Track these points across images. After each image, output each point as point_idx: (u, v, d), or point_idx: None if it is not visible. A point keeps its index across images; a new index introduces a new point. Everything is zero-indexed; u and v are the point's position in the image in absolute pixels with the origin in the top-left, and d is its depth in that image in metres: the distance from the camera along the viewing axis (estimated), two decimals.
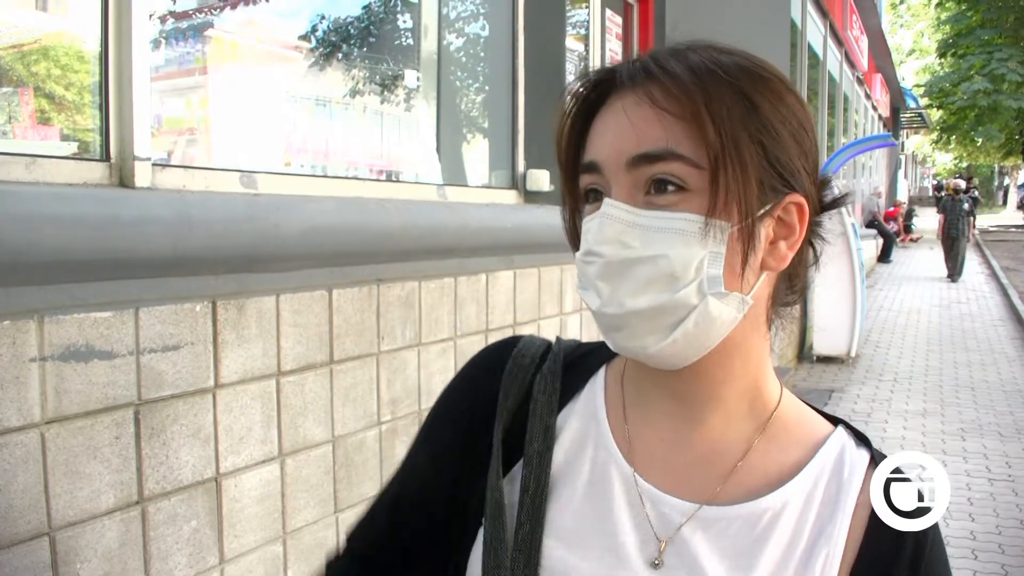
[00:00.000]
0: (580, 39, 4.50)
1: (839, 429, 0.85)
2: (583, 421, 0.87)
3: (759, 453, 0.82)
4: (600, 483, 0.83)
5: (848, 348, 8.73)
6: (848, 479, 0.80)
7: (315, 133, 3.10)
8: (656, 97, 0.75)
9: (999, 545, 4.32)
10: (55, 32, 2.02)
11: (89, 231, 1.63)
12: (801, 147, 0.78)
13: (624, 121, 0.76)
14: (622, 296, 0.75)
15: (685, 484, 0.82)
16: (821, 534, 0.78)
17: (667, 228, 0.74)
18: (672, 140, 0.73)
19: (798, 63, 9.97)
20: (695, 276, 0.74)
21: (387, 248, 2.48)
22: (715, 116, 0.73)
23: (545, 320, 3.36)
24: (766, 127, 0.75)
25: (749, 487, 0.81)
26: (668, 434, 0.84)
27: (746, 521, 0.78)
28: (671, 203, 0.74)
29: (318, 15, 3.17)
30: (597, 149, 0.78)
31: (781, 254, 0.79)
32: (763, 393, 0.84)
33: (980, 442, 6.09)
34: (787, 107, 0.77)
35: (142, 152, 1.84)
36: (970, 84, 24.45)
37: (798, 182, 0.78)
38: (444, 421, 0.94)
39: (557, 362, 0.91)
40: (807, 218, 0.79)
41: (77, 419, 1.63)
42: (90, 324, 1.64)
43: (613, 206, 0.75)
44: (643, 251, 0.74)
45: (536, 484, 0.83)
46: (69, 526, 1.62)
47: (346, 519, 2.34)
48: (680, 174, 0.73)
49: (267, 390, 2.06)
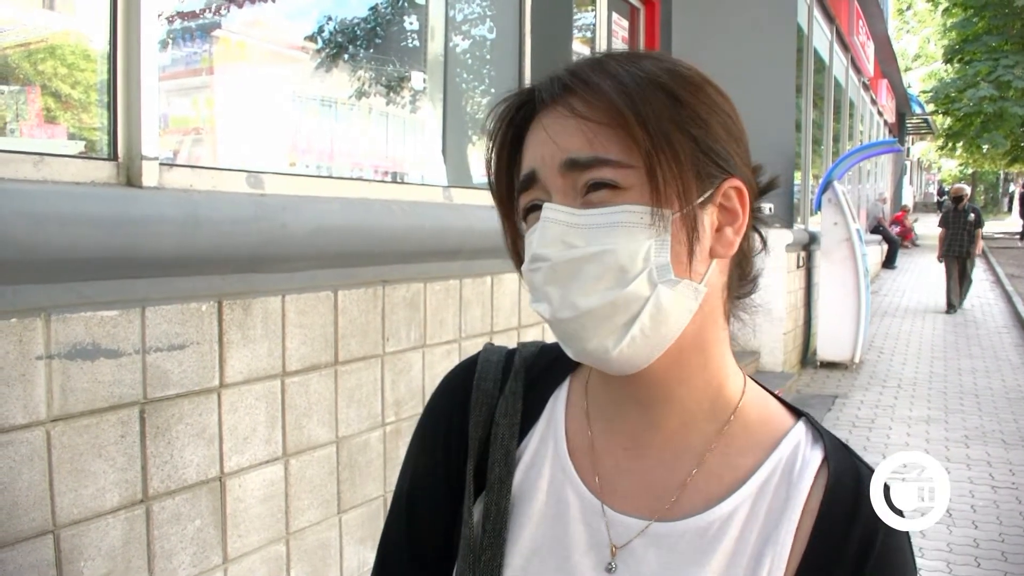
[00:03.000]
0: (586, 42, 4.51)
1: (798, 425, 0.84)
2: (542, 441, 0.87)
3: (716, 457, 0.81)
4: (556, 505, 0.83)
5: (852, 354, 8.71)
6: (797, 481, 0.79)
7: (321, 134, 3.10)
8: (577, 108, 0.75)
9: (1002, 553, 4.30)
10: (62, 31, 2.03)
11: (96, 230, 1.64)
12: (731, 134, 0.78)
13: (545, 135, 0.77)
14: (573, 297, 0.74)
15: (642, 497, 0.81)
16: (768, 540, 0.77)
17: (609, 223, 0.73)
18: (598, 147, 0.74)
19: (804, 68, 9.96)
20: (643, 266, 0.73)
21: (392, 249, 2.48)
22: (640, 114, 0.73)
23: None
24: (693, 118, 0.75)
25: (705, 494, 0.80)
26: (629, 441, 0.83)
27: (695, 534, 0.78)
28: (608, 199, 0.74)
29: (325, 16, 3.17)
30: (529, 161, 0.79)
31: (728, 240, 0.78)
32: (724, 391, 0.83)
33: (984, 449, 6.07)
34: (710, 98, 0.77)
35: (149, 151, 1.84)
36: (976, 91, 24.39)
37: (733, 167, 0.78)
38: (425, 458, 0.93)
39: (519, 380, 0.90)
40: (748, 202, 0.79)
41: (83, 417, 1.63)
42: (96, 323, 1.64)
43: (553, 209, 0.75)
44: (588, 248, 0.73)
45: (496, 510, 0.83)
46: (73, 524, 1.62)
47: (349, 520, 2.35)
48: (612, 176, 0.73)
49: (272, 390, 2.06)
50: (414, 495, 0.92)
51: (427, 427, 0.94)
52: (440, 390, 0.95)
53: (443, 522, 0.89)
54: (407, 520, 0.92)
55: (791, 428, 0.83)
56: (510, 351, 0.94)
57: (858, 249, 8.41)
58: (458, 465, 0.89)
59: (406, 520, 0.92)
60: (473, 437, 0.88)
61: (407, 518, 0.92)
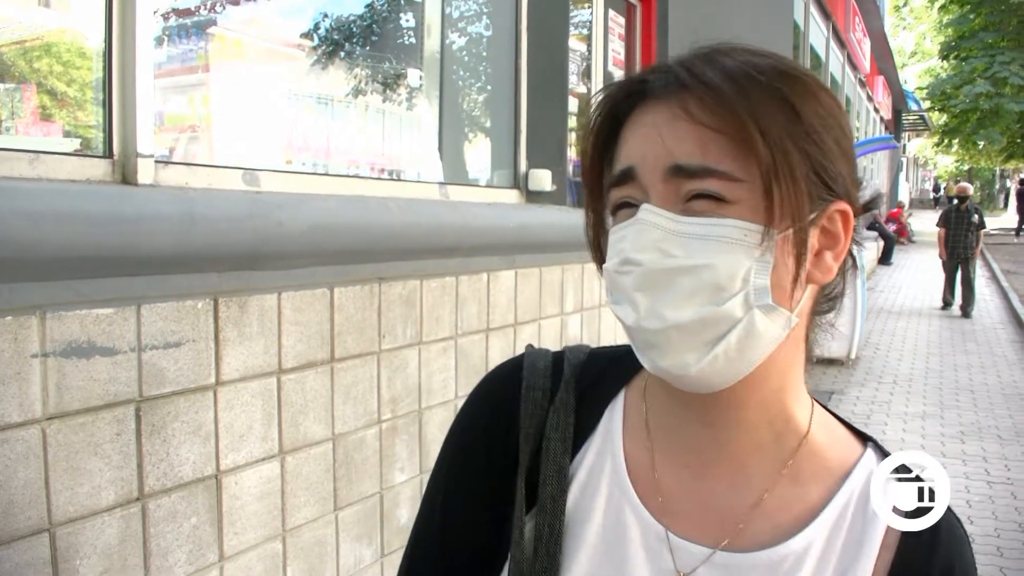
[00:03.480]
0: (583, 39, 4.50)
1: (868, 452, 0.80)
2: (599, 457, 0.82)
3: (784, 487, 0.77)
4: (615, 526, 0.78)
5: (848, 350, 8.73)
6: (873, 515, 0.76)
7: (317, 131, 3.10)
8: (693, 111, 0.70)
9: (997, 548, 4.32)
10: (57, 29, 2.02)
11: (91, 228, 1.64)
12: (843, 152, 0.74)
13: (657, 137, 0.71)
14: (662, 308, 0.70)
15: (706, 521, 0.77)
16: (846, 573, 0.74)
17: (711, 236, 0.69)
18: (710, 156, 0.69)
19: (801, 65, 9.98)
20: (741, 287, 0.69)
21: (389, 247, 2.48)
22: (762, 127, 0.68)
23: (546, 320, 3.36)
24: (810, 135, 0.70)
25: (774, 525, 0.76)
26: (694, 460, 0.79)
27: (766, 568, 0.74)
28: (711, 210, 0.69)
29: (321, 13, 3.16)
30: (628, 156, 0.74)
31: (827, 265, 0.74)
32: (792, 418, 0.78)
33: (979, 445, 6.09)
34: (825, 109, 0.73)
35: (145, 149, 1.84)
36: (972, 87, 24.39)
37: (842, 188, 0.73)
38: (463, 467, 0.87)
39: (569, 391, 0.85)
40: (852, 226, 0.75)
41: (78, 415, 1.63)
42: (92, 320, 1.64)
43: (652, 212, 0.70)
44: (686, 260, 0.69)
45: (550, 531, 0.78)
46: (69, 522, 1.62)
47: (345, 517, 2.35)
48: (720, 189, 0.69)
49: (268, 388, 2.06)
50: (449, 504, 0.87)
51: (467, 434, 0.88)
52: (482, 395, 0.89)
53: (478, 534, 0.84)
54: (440, 528, 0.87)
55: (861, 456, 0.80)
56: (556, 355, 0.89)
57: (854, 246, 8.41)
58: (502, 477, 0.83)
59: (439, 528, 0.87)
60: (524, 451, 0.82)
61: (440, 526, 0.87)
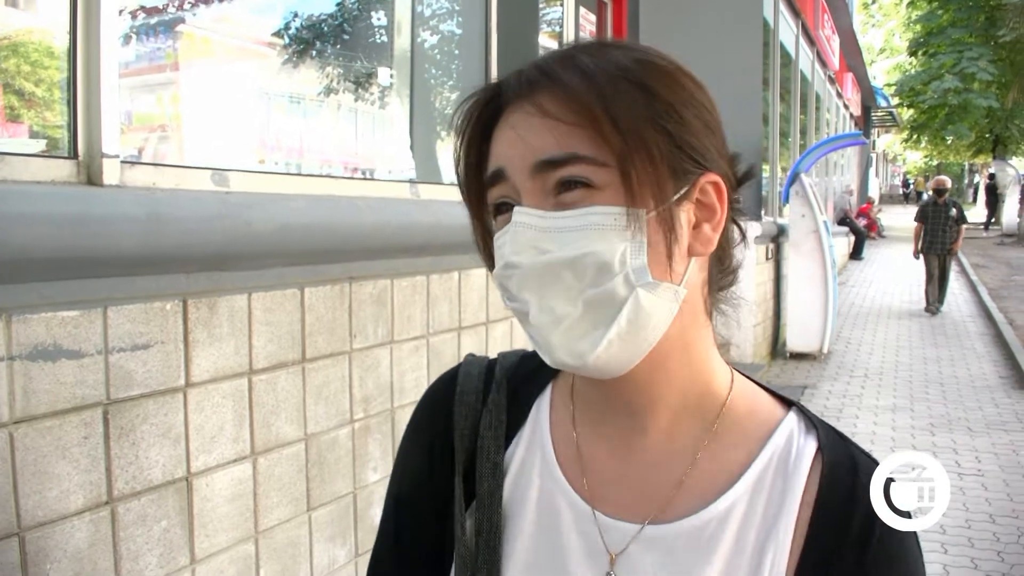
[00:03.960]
0: (554, 36, 4.52)
1: (790, 415, 0.82)
2: (529, 451, 0.85)
3: (708, 455, 0.79)
4: (548, 515, 0.81)
5: (820, 345, 8.82)
6: (793, 472, 0.77)
7: (288, 130, 3.08)
8: (546, 108, 0.72)
9: (968, 539, 4.38)
10: (25, 28, 2.00)
11: (56, 229, 1.62)
12: (707, 126, 0.75)
13: (518, 138, 0.74)
14: (549, 302, 0.72)
15: (635, 501, 0.79)
16: (768, 535, 0.75)
17: (582, 226, 0.71)
18: (570, 146, 0.71)
19: (771, 62, 10.04)
20: (620, 269, 0.70)
21: (359, 246, 2.47)
22: (612, 113, 0.70)
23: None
24: (668, 112, 0.72)
25: (699, 494, 0.78)
26: (618, 446, 0.81)
27: (690, 536, 0.76)
28: (581, 199, 0.71)
29: (291, 12, 3.15)
30: (497, 158, 0.76)
31: (706, 237, 0.76)
32: (711, 388, 0.81)
33: (950, 437, 6.17)
34: (686, 90, 0.75)
35: (110, 149, 1.82)
36: (940, 83, 24.70)
37: (710, 161, 0.75)
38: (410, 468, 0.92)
39: (501, 391, 0.88)
40: (726, 196, 0.76)
41: (45, 419, 1.61)
42: (58, 323, 1.63)
43: (524, 213, 0.73)
44: (560, 253, 0.71)
45: (489, 525, 0.81)
46: (39, 526, 1.61)
47: (319, 517, 2.34)
48: (586, 174, 0.71)
49: (239, 389, 2.05)
50: (401, 503, 0.91)
51: (411, 438, 0.93)
52: (423, 402, 0.93)
53: (430, 530, 0.88)
54: (395, 531, 0.91)
55: (782, 419, 0.81)
56: (491, 361, 0.92)
57: (825, 241, 8.51)
58: (444, 476, 0.87)
59: (394, 530, 0.91)
60: (459, 450, 0.86)
61: (395, 529, 0.91)
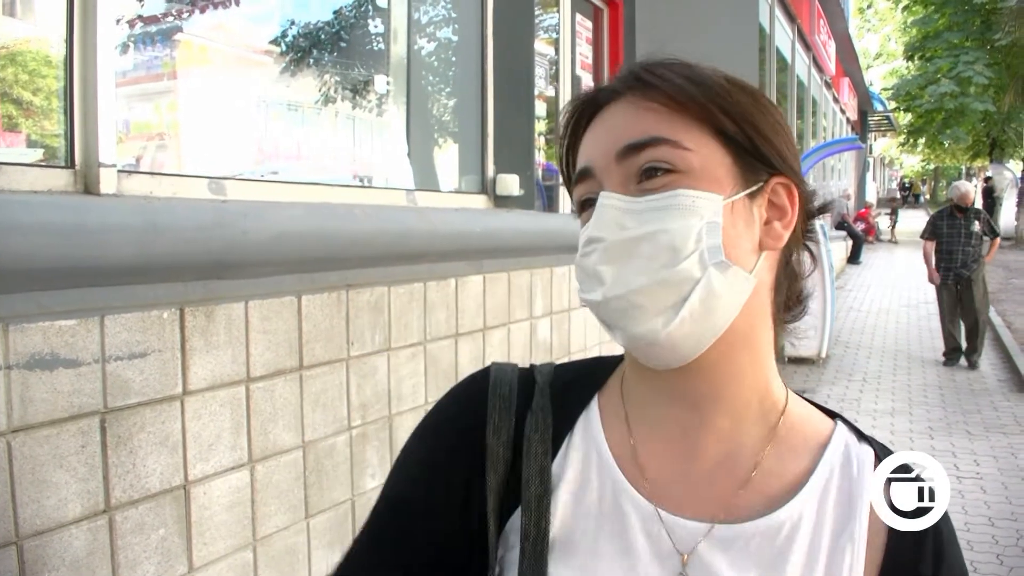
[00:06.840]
0: (551, 43, 4.52)
1: (839, 426, 0.86)
2: (583, 455, 0.84)
3: (773, 458, 0.82)
4: (612, 518, 0.80)
5: (819, 349, 8.82)
6: (858, 478, 0.81)
7: (285, 138, 3.09)
8: (635, 99, 0.79)
9: (967, 542, 4.38)
10: (23, 38, 2.01)
11: (53, 238, 1.62)
12: (780, 136, 0.81)
13: (604, 128, 0.80)
14: (626, 276, 0.75)
15: (700, 500, 0.80)
16: (841, 537, 0.78)
17: (664, 207, 0.75)
18: (655, 129, 0.77)
19: (767, 68, 10.07)
20: (695, 247, 0.75)
21: (356, 254, 2.48)
22: (700, 99, 0.77)
23: (515, 324, 3.37)
24: (748, 113, 0.79)
25: (766, 495, 0.80)
26: (679, 445, 0.82)
27: (764, 536, 0.78)
28: (664, 184, 0.76)
29: (288, 20, 3.15)
30: (584, 157, 0.82)
31: (777, 233, 0.80)
32: (771, 392, 0.84)
33: (948, 440, 6.17)
34: (761, 103, 0.81)
35: (107, 159, 1.83)
36: (937, 87, 24.68)
37: (784, 166, 0.81)
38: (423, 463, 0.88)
39: (545, 396, 0.87)
40: (797, 199, 0.82)
41: (43, 428, 1.62)
42: (55, 332, 1.63)
43: (608, 197, 0.77)
44: (641, 228, 0.75)
45: (536, 530, 0.80)
46: (37, 535, 1.61)
47: (317, 524, 2.34)
48: (668, 157, 0.76)
49: (236, 396, 2.06)
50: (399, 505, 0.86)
51: (426, 438, 0.89)
52: (450, 400, 0.91)
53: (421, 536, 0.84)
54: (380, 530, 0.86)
55: (834, 429, 0.85)
56: (523, 368, 0.91)
57: (823, 245, 8.52)
58: (465, 475, 0.84)
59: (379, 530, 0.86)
60: (493, 446, 0.84)
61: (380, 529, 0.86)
